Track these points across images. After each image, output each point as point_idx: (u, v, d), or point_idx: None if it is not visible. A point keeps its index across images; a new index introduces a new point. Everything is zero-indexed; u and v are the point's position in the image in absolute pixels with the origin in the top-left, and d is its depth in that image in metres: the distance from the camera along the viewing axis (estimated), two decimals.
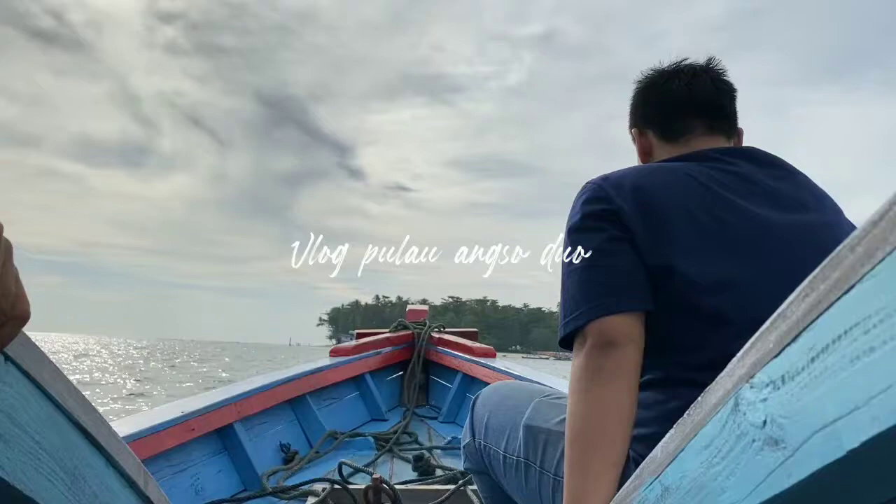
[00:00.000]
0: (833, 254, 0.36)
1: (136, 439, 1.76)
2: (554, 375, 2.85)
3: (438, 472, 2.43)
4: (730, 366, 0.46)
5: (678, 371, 0.97)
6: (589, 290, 0.99)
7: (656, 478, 0.57)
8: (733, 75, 1.25)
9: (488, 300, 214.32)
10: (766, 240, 1.00)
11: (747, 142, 1.24)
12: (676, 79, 1.20)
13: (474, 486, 2.12)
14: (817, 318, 0.36)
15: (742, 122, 1.25)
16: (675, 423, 0.93)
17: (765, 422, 0.40)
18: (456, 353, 3.82)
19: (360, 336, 4.13)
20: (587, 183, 1.09)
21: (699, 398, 0.51)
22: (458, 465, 2.50)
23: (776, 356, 0.39)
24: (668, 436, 0.57)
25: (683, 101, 1.18)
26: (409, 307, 4.78)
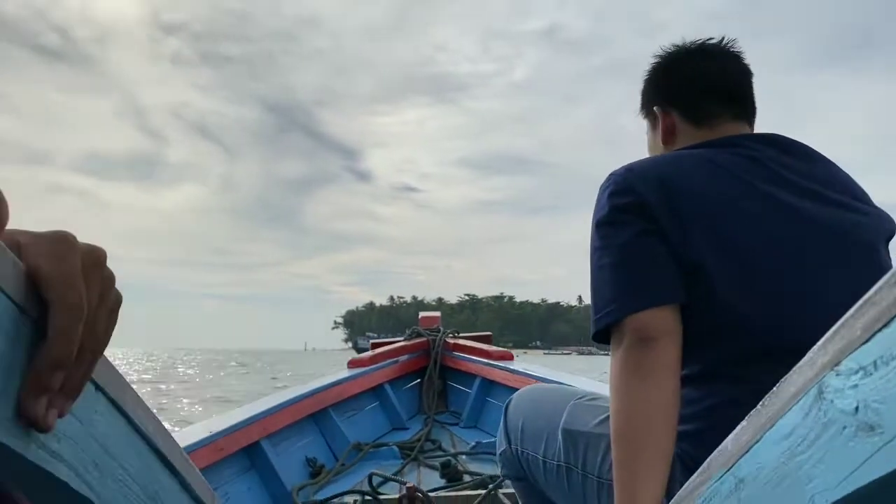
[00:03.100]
0: None
1: None
2: (575, 374, 2.86)
3: (467, 477, 2.43)
4: (809, 355, 0.46)
5: (714, 365, 0.97)
6: (621, 285, 0.98)
7: (728, 470, 0.57)
8: None
9: (505, 296, 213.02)
10: (796, 229, 0.99)
11: (757, 128, 1.22)
12: (706, 59, 1.16)
13: (505, 491, 2.12)
14: None
15: None
16: (718, 418, 0.93)
17: (857, 408, 0.40)
18: (473, 357, 3.82)
19: (375, 346, 4.14)
20: (611, 174, 1.08)
21: (774, 388, 0.51)
22: (485, 469, 2.50)
23: (865, 342, 0.39)
24: (739, 428, 0.57)
25: (714, 84, 1.15)
26: (421, 314, 4.78)
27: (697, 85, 1.16)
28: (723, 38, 1.18)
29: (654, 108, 1.22)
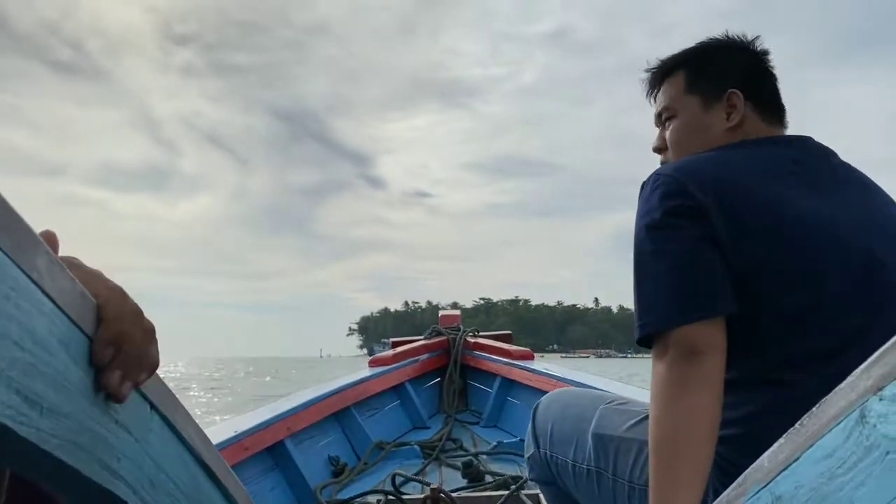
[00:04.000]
0: None
1: None
2: (597, 376, 2.85)
3: (488, 477, 2.43)
4: (851, 377, 0.47)
5: (758, 370, 0.96)
6: (672, 294, 0.96)
7: (764, 486, 0.57)
8: None
9: (520, 300, 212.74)
10: (848, 235, 0.99)
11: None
12: (765, 59, 1.18)
13: (527, 492, 2.13)
14: None
15: None
16: (758, 424, 0.93)
17: None
18: (493, 356, 3.83)
19: (395, 345, 4.15)
20: (659, 174, 1.04)
21: (814, 409, 0.51)
22: (506, 469, 2.51)
23: None
24: (776, 444, 0.57)
25: (775, 86, 1.17)
26: (441, 313, 4.79)
27: (770, 81, 1.17)
28: (756, 38, 1.19)
29: (730, 90, 1.14)
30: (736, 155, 1.06)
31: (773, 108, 1.16)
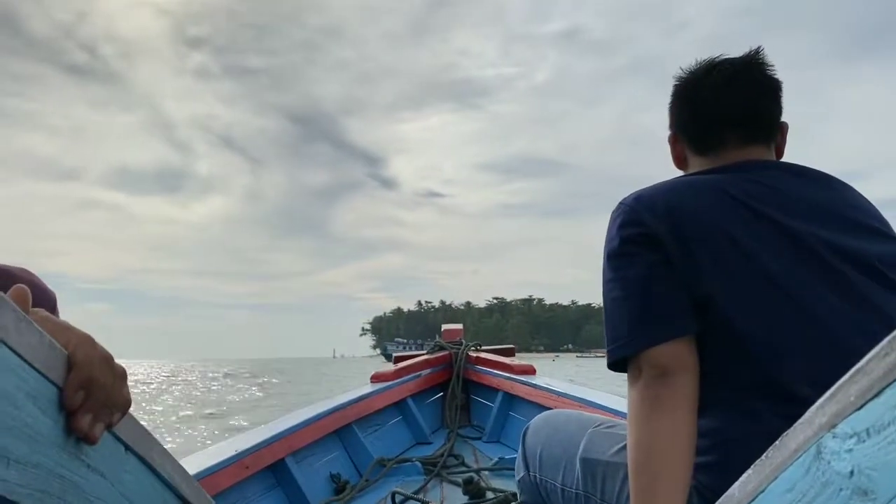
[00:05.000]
0: None
1: None
2: (597, 390, 2.85)
3: (489, 494, 2.43)
4: (809, 413, 0.48)
5: (728, 396, 0.97)
6: (634, 318, 0.99)
7: None
8: None
9: (534, 299, 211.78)
10: (808, 259, 0.98)
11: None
12: (707, 86, 1.14)
13: None
14: None
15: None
16: (734, 451, 0.94)
17: (852, 472, 0.41)
18: (495, 371, 3.83)
19: (398, 360, 4.16)
20: (621, 203, 1.08)
21: (777, 441, 0.52)
22: (507, 485, 2.50)
23: (858, 409, 0.41)
24: (745, 475, 0.58)
25: (714, 113, 1.13)
26: (444, 327, 4.80)
27: (700, 114, 1.15)
28: (754, 51, 1.14)
29: (669, 133, 1.22)
30: (699, 182, 1.07)
31: (708, 139, 1.15)
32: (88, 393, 0.48)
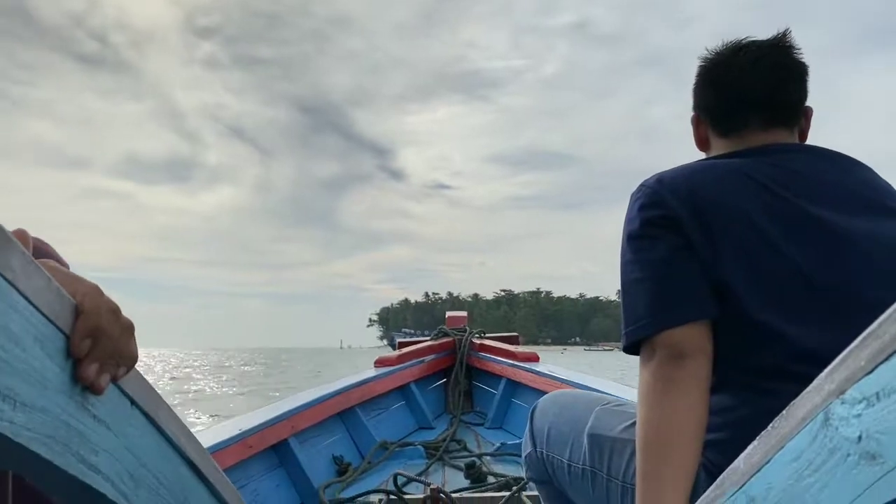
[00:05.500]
0: None
1: None
2: (606, 371, 2.85)
3: (490, 478, 2.44)
4: (817, 381, 0.47)
5: (742, 376, 0.97)
6: (654, 301, 0.98)
7: (739, 488, 0.58)
8: None
9: (542, 292, 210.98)
10: (829, 244, 0.97)
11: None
12: (733, 67, 1.13)
13: (529, 493, 2.14)
14: None
15: None
16: (745, 429, 0.93)
17: (860, 437, 0.41)
18: (499, 358, 3.84)
19: (401, 345, 4.17)
20: (642, 185, 1.08)
21: (784, 412, 0.52)
22: (509, 471, 2.51)
23: (869, 373, 0.40)
24: (750, 447, 0.58)
25: (738, 95, 1.12)
26: (448, 314, 4.80)
27: (724, 95, 1.15)
28: (781, 34, 1.12)
29: (693, 114, 1.21)
30: (722, 166, 1.06)
31: (730, 121, 1.14)
32: (95, 342, 0.48)
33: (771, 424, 0.54)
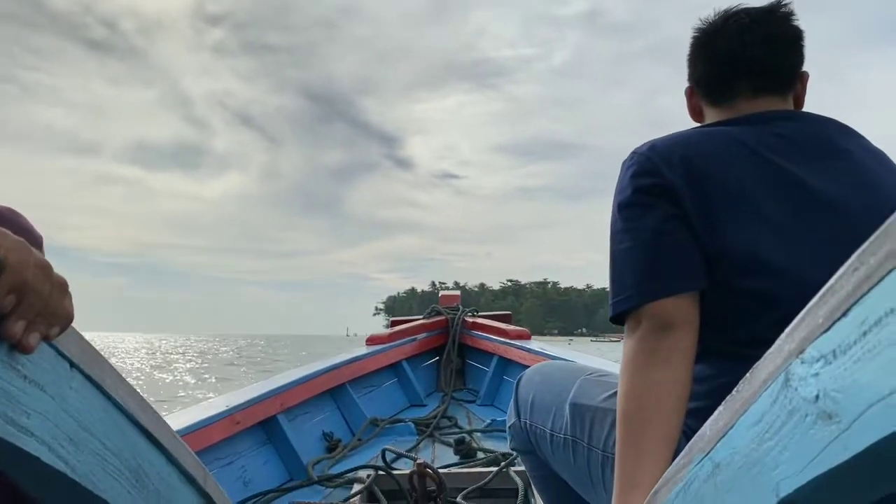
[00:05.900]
0: (883, 226, 0.36)
1: (183, 434, 1.80)
2: (587, 353, 2.85)
3: (480, 454, 2.44)
4: (778, 341, 0.46)
5: (727, 345, 0.96)
6: (643, 271, 0.97)
7: (706, 455, 0.57)
8: None
9: (549, 282, 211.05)
10: (821, 212, 0.96)
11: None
12: (722, 36, 1.12)
13: (517, 468, 2.14)
14: (868, 291, 0.35)
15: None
16: (726, 397, 0.92)
17: (817, 396, 0.40)
18: (491, 336, 3.84)
19: (394, 324, 4.17)
20: (633, 152, 1.06)
21: (747, 375, 0.51)
22: (499, 447, 2.52)
23: (826, 331, 0.39)
24: (716, 413, 0.57)
25: (728, 63, 1.11)
26: (441, 293, 4.81)
27: (715, 64, 1.13)
28: (773, 3, 1.11)
29: (687, 86, 1.20)
30: (716, 133, 1.05)
31: (721, 90, 1.13)
32: (21, 298, 0.47)
33: (735, 388, 0.53)
